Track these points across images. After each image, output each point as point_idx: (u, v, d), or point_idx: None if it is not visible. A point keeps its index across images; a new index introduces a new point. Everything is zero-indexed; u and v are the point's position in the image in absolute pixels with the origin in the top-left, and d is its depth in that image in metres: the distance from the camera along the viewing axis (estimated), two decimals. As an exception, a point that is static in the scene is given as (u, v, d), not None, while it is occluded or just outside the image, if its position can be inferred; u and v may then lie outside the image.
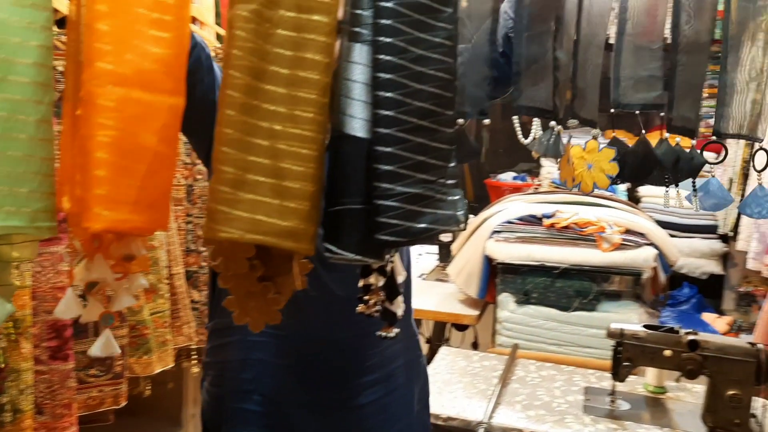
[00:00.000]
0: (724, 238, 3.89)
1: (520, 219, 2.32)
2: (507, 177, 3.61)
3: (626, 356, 1.59)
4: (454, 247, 2.54)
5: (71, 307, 0.81)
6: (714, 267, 3.98)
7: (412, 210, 0.77)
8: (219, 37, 2.18)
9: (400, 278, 0.89)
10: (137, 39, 0.72)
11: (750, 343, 1.52)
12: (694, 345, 1.53)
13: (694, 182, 1.01)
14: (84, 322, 0.85)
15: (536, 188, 3.13)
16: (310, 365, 1.23)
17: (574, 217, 2.22)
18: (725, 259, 4.02)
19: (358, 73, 0.77)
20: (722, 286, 4.12)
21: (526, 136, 1.12)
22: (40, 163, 0.71)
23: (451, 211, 0.82)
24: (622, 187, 3.61)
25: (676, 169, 1.04)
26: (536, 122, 1.12)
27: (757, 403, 1.54)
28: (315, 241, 0.76)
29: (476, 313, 2.42)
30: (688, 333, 1.57)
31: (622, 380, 1.62)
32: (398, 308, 0.90)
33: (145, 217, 0.75)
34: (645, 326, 1.62)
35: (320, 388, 1.24)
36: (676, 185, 1.04)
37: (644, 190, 3.94)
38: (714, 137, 1.01)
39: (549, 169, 3.25)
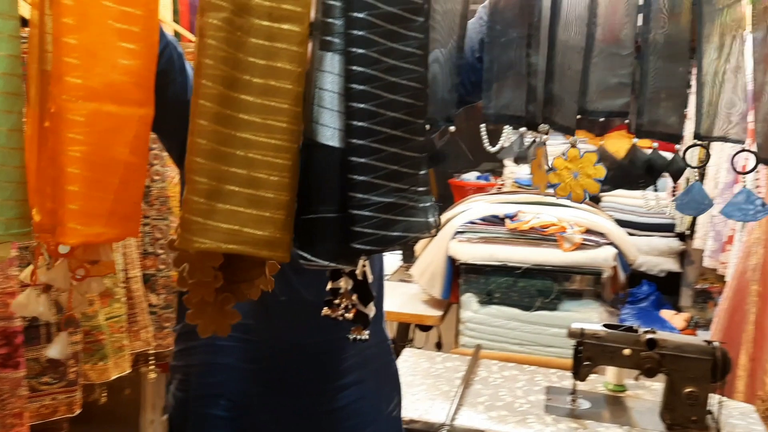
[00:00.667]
0: (681, 237, 3.98)
1: (483, 219, 2.33)
2: (471, 177, 3.63)
3: (586, 356, 1.61)
4: (417, 247, 2.54)
5: (31, 303, 0.79)
6: (672, 265, 4.07)
7: (386, 219, 0.79)
8: (177, 35, 2.14)
9: (370, 279, 0.91)
10: (106, 51, 0.71)
11: (706, 341, 1.55)
12: (652, 344, 1.56)
13: (674, 187, 1.02)
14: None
15: (499, 188, 3.15)
16: (279, 370, 1.22)
17: (536, 219, 2.23)
18: (682, 257, 4.11)
19: (330, 82, 0.77)
20: (679, 284, 4.22)
21: (492, 144, 1.11)
22: (12, 172, 0.70)
23: (423, 218, 0.84)
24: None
25: (653, 174, 1.05)
26: (507, 128, 1.12)
27: (714, 400, 1.57)
28: (290, 250, 0.76)
29: (440, 313, 2.42)
30: (646, 332, 1.59)
31: (582, 379, 1.63)
32: (370, 311, 0.91)
33: (118, 229, 0.75)
34: (605, 325, 1.64)
35: (288, 394, 1.22)
36: (655, 189, 1.05)
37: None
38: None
39: (512, 169, 3.27)
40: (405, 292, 2.62)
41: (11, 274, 1.60)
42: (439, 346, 2.90)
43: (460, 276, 2.33)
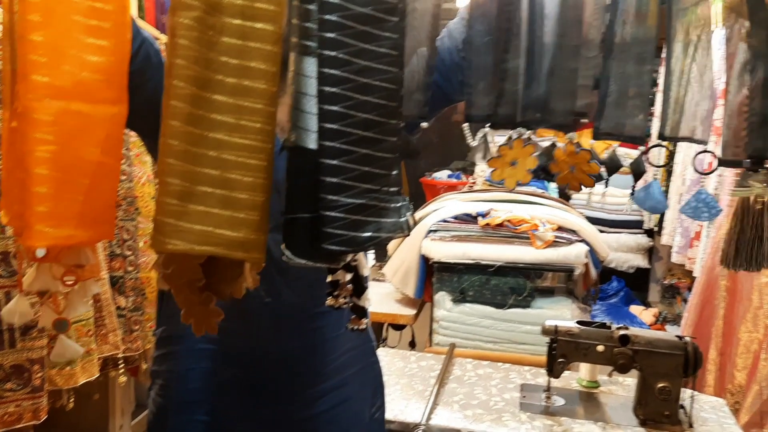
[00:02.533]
0: (650, 233, 4.04)
1: (456, 218, 2.33)
2: (442, 175, 3.62)
3: (560, 353, 1.62)
4: (390, 246, 2.53)
5: (20, 309, 0.77)
6: (640, 261, 4.13)
7: (356, 220, 0.79)
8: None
9: (366, 272, 0.92)
10: (74, 48, 0.69)
11: (678, 336, 1.57)
12: (625, 340, 1.57)
13: (633, 186, 1.03)
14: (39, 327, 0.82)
15: (471, 186, 3.16)
16: (258, 375, 1.19)
17: (508, 215, 2.24)
18: (650, 253, 4.18)
19: (309, 86, 0.76)
20: (648, 279, 4.29)
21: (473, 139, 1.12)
22: None
23: (395, 218, 0.83)
24: (553, 185, 3.69)
25: (609, 172, 1.07)
26: (486, 127, 1.13)
27: (686, 395, 1.58)
28: (265, 251, 0.76)
29: (413, 312, 2.42)
30: (619, 328, 1.60)
31: (557, 376, 1.64)
32: (366, 302, 0.93)
33: (90, 231, 0.73)
34: (578, 322, 1.65)
35: (268, 400, 1.20)
36: (606, 185, 1.07)
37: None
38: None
39: (483, 167, 3.28)
40: (378, 291, 2.61)
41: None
42: (412, 345, 2.90)
43: (433, 275, 2.32)
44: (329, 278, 0.91)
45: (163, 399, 1.22)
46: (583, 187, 1.05)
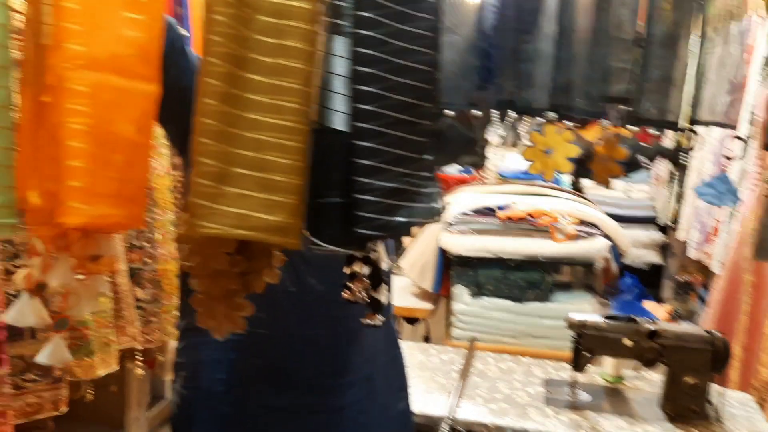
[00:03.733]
0: (663, 229, 4.01)
1: (475, 211, 2.30)
2: (453, 170, 3.60)
3: (586, 347, 1.60)
4: (406, 239, 2.51)
5: (26, 313, 0.73)
6: (654, 257, 4.10)
7: (390, 204, 0.77)
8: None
9: (384, 265, 0.90)
10: (110, 20, 0.67)
11: (707, 331, 1.55)
12: (653, 334, 1.55)
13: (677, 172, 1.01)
14: (37, 327, 0.78)
15: (482, 181, 3.14)
16: (287, 365, 1.18)
17: (529, 207, 2.22)
18: (664, 249, 4.15)
19: (339, 66, 0.75)
20: (661, 276, 4.26)
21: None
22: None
23: (428, 204, 0.82)
24: (566, 179, 3.67)
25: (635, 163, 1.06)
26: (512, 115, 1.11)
27: (713, 390, 1.57)
28: (301, 236, 0.74)
29: (430, 306, 2.40)
30: (647, 322, 1.58)
31: (581, 371, 1.62)
32: (383, 296, 0.90)
33: (125, 212, 0.70)
34: (604, 316, 1.63)
35: (296, 391, 1.18)
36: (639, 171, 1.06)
37: (586, 182, 4.02)
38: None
39: (495, 162, 3.26)
40: (394, 284, 2.59)
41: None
42: (427, 339, 2.88)
43: (451, 268, 2.30)
44: (346, 270, 0.88)
45: (188, 390, 1.20)
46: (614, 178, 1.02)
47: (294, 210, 0.71)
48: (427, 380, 1.74)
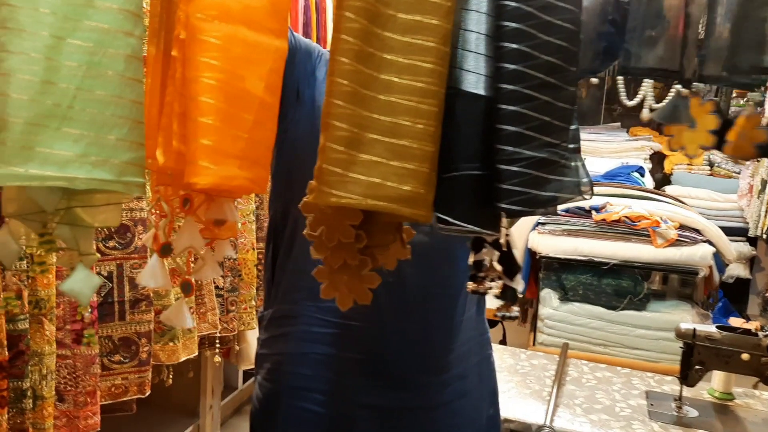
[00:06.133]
0: (752, 241, 3.80)
1: (567, 210, 2.20)
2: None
3: (698, 359, 1.48)
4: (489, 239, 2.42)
5: (157, 275, 0.70)
6: (741, 271, 3.89)
7: (538, 176, 0.69)
8: None
9: (517, 252, 0.80)
10: None
11: (839, 349, 1.41)
12: (775, 349, 1.42)
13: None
14: (162, 290, 0.74)
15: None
16: (380, 361, 1.09)
17: (626, 210, 2.10)
18: (752, 262, 3.93)
19: (476, 22, 0.68)
20: (747, 291, 4.04)
21: (629, 98, 1.01)
22: (129, 107, 0.60)
23: (575, 178, 0.74)
24: (648, 178, 3.50)
25: None
26: (646, 84, 1.01)
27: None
28: (432, 209, 0.67)
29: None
30: (767, 335, 1.45)
31: (692, 385, 1.51)
32: (518, 285, 0.82)
33: (251, 175, 0.66)
34: (718, 327, 1.51)
35: (389, 387, 1.10)
36: None
37: (670, 190, 3.84)
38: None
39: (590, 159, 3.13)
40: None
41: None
42: (503, 343, 2.79)
43: (539, 270, 2.21)
44: (471, 258, 0.80)
45: (273, 384, 1.13)
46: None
47: (427, 180, 0.66)
48: (520, 385, 1.65)
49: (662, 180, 4.34)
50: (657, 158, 4.28)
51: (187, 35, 0.63)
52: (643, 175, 3.50)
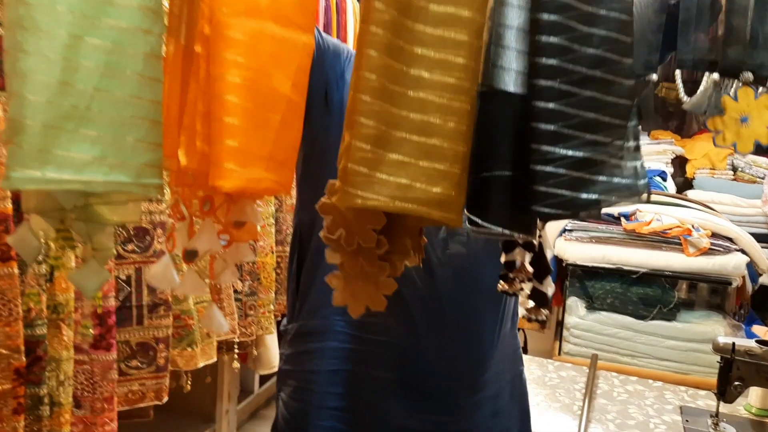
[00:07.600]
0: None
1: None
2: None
3: (737, 375, 1.42)
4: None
5: (168, 275, 0.66)
6: (765, 278, 3.79)
7: (578, 177, 0.65)
8: None
9: (550, 253, 0.76)
10: None
11: None
12: (820, 366, 1.35)
13: None
14: (180, 295, 0.70)
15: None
16: (415, 380, 1.03)
17: (657, 221, 2.04)
18: (776, 270, 3.83)
19: (512, 16, 0.64)
20: (769, 299, 3.94)
21: (689, 94, 0.94)
22: (148, 107, 0.56)
23: (629, 180, 0.68)
24: (671, 186, 3.43)
25: None
26: (706, 77, 0.95)
27: None
28: (462, 212, 0.63)
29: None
30: (811, 352, 1.39)
31: (731, 401, 1.44)
32: (549, 288, 0.79)
33: (277, 177, 0.62)
34: (758, 342, 1.44)
35: (424, 410, 1.04)
36: None
37: (692, 195, 3.76)
38: None
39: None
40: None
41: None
42: (524, 351, 2.72)
43: (566, 278, 2.15)
44: (503, 258, 0.78)
45: (300, 403, 1.07)
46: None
47: (458, 182, 0.62)
48: (549, 398, 1.60)
49: (684, 184, 4.24)
50: (678, 162, 4.19)
51: (212, 31, 0.60)
52: (665, 180, 3.42)
